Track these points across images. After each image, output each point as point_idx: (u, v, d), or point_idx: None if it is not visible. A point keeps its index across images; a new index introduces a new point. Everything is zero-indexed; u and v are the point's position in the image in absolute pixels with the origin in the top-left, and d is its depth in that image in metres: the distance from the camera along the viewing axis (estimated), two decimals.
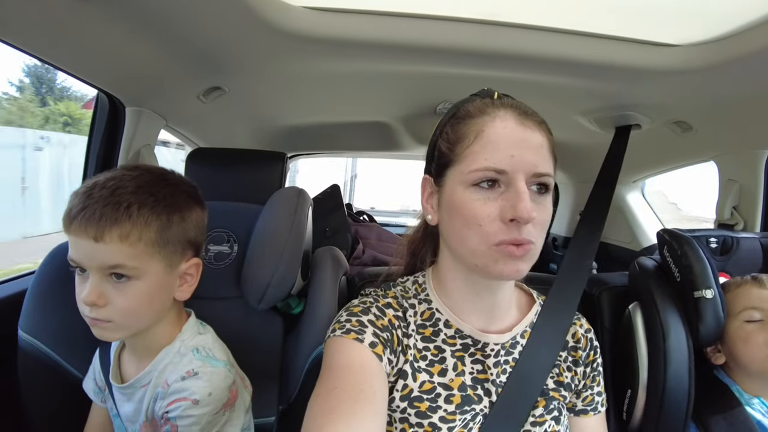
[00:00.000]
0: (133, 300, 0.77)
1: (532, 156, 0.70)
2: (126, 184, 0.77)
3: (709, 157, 1.59)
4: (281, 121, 1.96)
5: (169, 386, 0.80)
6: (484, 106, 0.75)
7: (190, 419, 0.78)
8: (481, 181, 0.70)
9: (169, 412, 0.79)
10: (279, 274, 1.03)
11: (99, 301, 0.75)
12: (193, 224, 0.85)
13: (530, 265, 0.72)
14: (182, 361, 0.83)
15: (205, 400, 0.79)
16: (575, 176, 2.43)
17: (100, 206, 0.74)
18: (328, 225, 2.15)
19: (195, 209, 0.86)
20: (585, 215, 1.24)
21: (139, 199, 0.76)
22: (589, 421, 0.86)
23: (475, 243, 0.71)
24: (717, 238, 1.21)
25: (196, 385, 0.80)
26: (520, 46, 1.13)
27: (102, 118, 1.36)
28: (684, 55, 1.11)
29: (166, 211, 0.79)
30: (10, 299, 1.10)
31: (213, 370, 0.83)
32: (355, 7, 1.07)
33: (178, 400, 0.79)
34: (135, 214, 0.75)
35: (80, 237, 0.74)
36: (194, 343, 0.86)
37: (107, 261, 0.75)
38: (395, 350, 0.75)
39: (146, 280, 0.78)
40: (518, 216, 0.66)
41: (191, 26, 1.02)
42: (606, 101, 1.40)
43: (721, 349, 1.06)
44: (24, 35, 0.91)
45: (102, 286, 0.76)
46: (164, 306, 0.84)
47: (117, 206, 0.74)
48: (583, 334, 0.87)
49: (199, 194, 0.90)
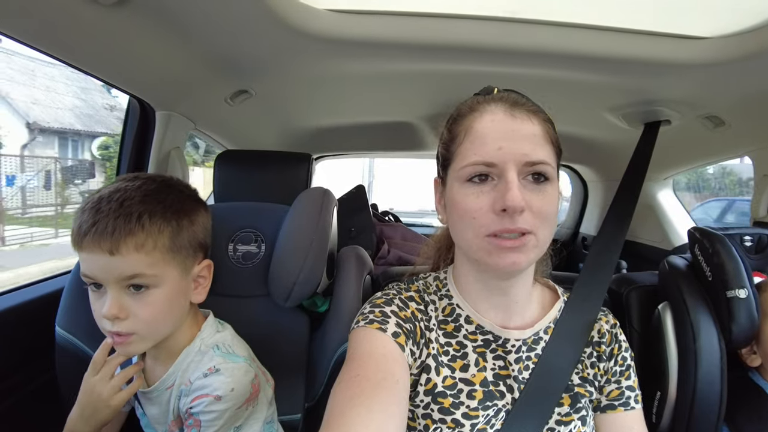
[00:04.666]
0: (154, 308, 0.78)
1: (522, 145, 0.69)
2: (132, 194, 0.78)
3: (743, 152, 1.54)
4: (307, 122, 1.99)
5: (192, 384, 0.82)
6: (476, 103, 0.76)
7: (213, 414, 0.80)
8: (472, 176, 0.71)
9: (193, 407, 0.81)
10: (305, 273, 1.04)
11: (121, 314, 0.76)
12: (201, 227, 0.87)
13: (531, 256, 0.70)
14: (203, 359, 0.85)
15: (228, 396, 0.81)
16: (604, 174, 2.38)
17: (111, 219, 0.74)
18: (353, 225, 2.17)
19: (200, 212, 0.88)
20: (611, 212, 1.22)
21: (148, 208, 0.78)
22: (620, 417, 0.81)
23: (470, 236, 0.71)
24: (752, 236, 1.17)
25: (218, 381, 0.81)
26: (544, 42, 1.11)
27: (133, 122, 1.40)
28: (714, 47, 1.08)
29: (176, 217, 0.81)
30: (49, 296, 1.15)
31: (234, 366, 0.84)
32: (377, 8, 1.08)
33: (201, 397, 0.81)
34: (147, 223, 0.76)
35: (94, 252, 0.74)
36: (214, 340, 0.88)
37: (125, 272, 0.75)
38: (418, 342, 0.76)
39: (164, 287, 0.79)
40: (507, 205, 0.66)
41: (218, 32, 1.05)
42: (634, 97, 1.37)
43: (756, 350, 1.03)
44: (59, 45, 0.95)
45: (122, 299, 0.77)
46: (183, 311, 0.86)
47: (128, 217, 0.75)
48: (608, 329, 0.85)
49: (200, 197, 0.91)
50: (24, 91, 9.65)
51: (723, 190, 7.37)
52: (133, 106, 1.39)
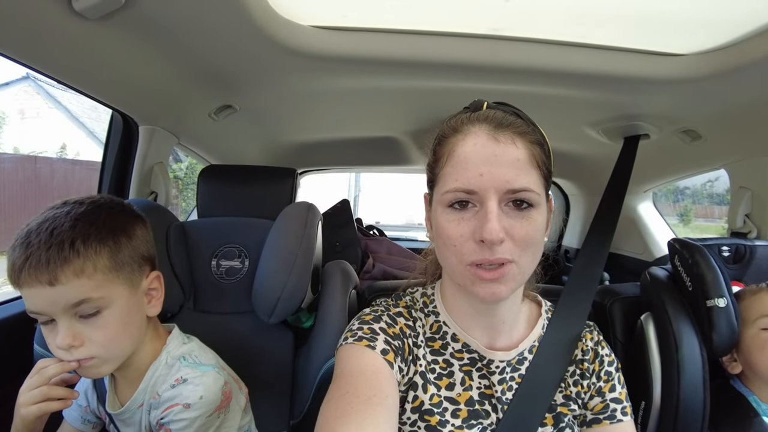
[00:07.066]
0: (109, 329, 0.77)
1: (505, 172, 0.67)
2: (61, 221, 0.76)
3: (719, 165, 1.57)
4: (291, 137, 1.99)
5: (161, 396, 0.81)
6: (459, 123, 0.74)
7: (183, 422, 0.79)
8: (453, 203, 0.70)
9: (164, 418, 0.80)
10: (289, 288, 1.04)
11: (75, 342, 0.75)
12: (141, 240, 0.85)
13: (512, 285, 0.69)
14: (170, 371, 0.84)
15: (197, 404, 0.80)
16: (586, 188, 2.42)
17: (44, 251, 0.72)
18: (338, 239, 2.16)
19: (138, 225, 0.86)
20: (594, 226, 1.24)
21: (81, 232, 0.75)
22: (607, 431, 0.79)
23: (453, 262, 0.71)
24: (729, 246, 1.20)
25: (187, 390, 0.81)
26: (527, 59, 1.13)
27: (116, 136, 1.39)
28: (689, 64, 1.11)
29: (112, 236, 0.79)
30: (27, 314, 1.12)
31: (202, 374, 0.84)
32: (362, 26, 1.09)
33: (171, 407, 0.80)
34: (82, 247, 0.74)
35: (34, 287, 0.72)
36: (180, 352, 0.87)
37: (70, 300, 0.73)
38: (406, 359, 0.75)
39: (115, 307, 0.78)
40: (484, 237, 0.65)
41: (203, 46, 1.05)
42: (613, 112, 1.40)
43: (737, 358, 1.05)
44: (43, 58, 0.94)
45: (73, 328, 0.75)
46: (140, 326, 0.84)
47: (61, 245, 0.73)
48: (591, 347, 0.85)
49: (135, 210, 0.89)
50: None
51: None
52: (116, 121, 1.38)
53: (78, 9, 0.81)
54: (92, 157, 7.90)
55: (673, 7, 0.97)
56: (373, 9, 1.04)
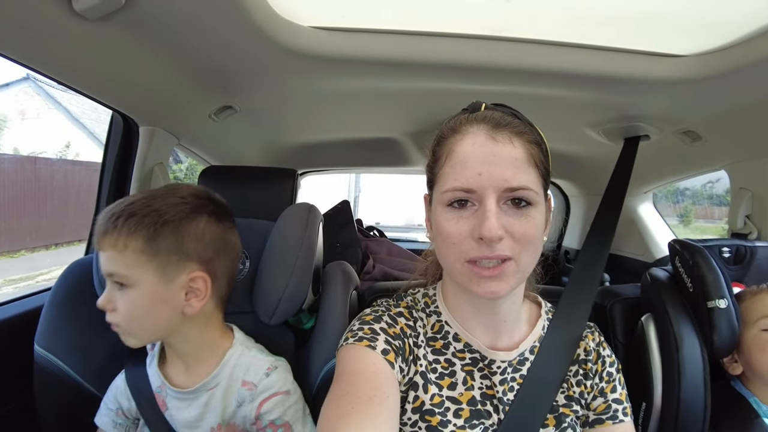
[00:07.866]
0: (130, 306, 0.81)
1: (503, 171, 0.68)
2: (135, 199, 0.83)
3: (720, 166, 1.57)
4: (292, 138, 1.99)
5: (257, 386, 0.86)
6: (458, 123, 0.75)
7: (291, 409, 0.86)
8: (452, 202, 0.71)
9: (267, 414, 0.85)
10: (290, 289, 1.04)
11: (107, 306, 0.81)
12: (191, 237, 0.85)
13: (512, 283, 0.70)
14: (253, 360, 0.89)
15: (293, 389, 0.88)
16: (586, 189, 2.42)
17: (108, 219, 0.81)
18: (339, 240, 2.16)
19: (196, 221, 0.86)
20: (594, 227, 1.24)
21: (131, 209, 0.81)
22: (609, 431, 0.80)
23: (452, 260, 0.71)
24: (730, 247, 1.20)
25: (280, 378, 0.88)
26: (527, 60, 1.13)
27: (116, 137, 1.39)
28: (689, 65, 1.11)
29: (154, 222, 0.81)
30: (27, 315, 1.12)
31: (284, 364, 0.92)
32: (362, 27, 1.09)
33: (271, 397, 0.85)
34: (120, 223, 0.79)
35: (98, 249, 0.82)
36: (252, 344, 0.94)
37: (106, 269, 0.81)
38: (407, 359, 0.75)
39: (140, 289, 0.80)
40: (483, 235, 0.66)
41: (203, 47, 1.05)
42: (614, 113, 1.40)
43: (737, 359, 1.05)
44: (43, 59, 0.94)
45: (111, 293, 0.81)
46: (172, 318, 0.85)
47: (110, 218, 0.81)
48: (594, 347, 0.85)
49: (207, 208, 0.90)
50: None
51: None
52: (116, 121, 1.38)
53: (78, 9, 0.80)
54: (92, 158, 7.92)
55: (673, 8, 0.97)
56: (373, 10, 1.04)
